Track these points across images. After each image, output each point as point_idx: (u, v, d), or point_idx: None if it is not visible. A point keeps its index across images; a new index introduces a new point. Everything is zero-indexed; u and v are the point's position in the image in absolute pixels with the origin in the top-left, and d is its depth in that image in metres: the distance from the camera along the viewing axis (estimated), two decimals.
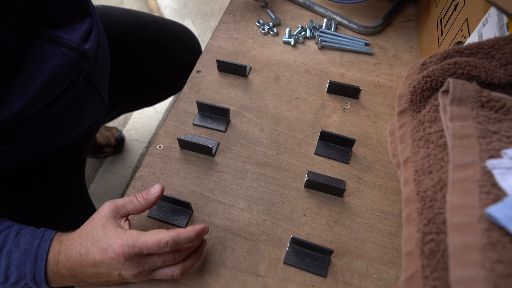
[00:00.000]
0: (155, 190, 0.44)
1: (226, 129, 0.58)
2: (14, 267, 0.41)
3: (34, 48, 0.46)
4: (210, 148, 0.53)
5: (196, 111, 0.59)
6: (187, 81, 0.63)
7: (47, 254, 0.42)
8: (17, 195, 0.60)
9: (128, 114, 1.39)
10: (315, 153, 0.56)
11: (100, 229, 0.41)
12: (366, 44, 0.69)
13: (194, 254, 0.43)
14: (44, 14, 0.47)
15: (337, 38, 0.69)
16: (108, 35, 0.72)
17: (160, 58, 0.81)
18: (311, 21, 0.71)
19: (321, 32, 0.69)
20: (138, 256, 0.40)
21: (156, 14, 1.74)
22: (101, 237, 0.41)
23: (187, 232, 0.40)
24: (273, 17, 0.72)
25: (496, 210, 0.27)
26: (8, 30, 0.42)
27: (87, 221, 0.44)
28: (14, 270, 0.41)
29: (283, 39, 0.69)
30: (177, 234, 0.39)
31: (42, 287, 0.42)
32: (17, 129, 0.50)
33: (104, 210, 0.43)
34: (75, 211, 0.67)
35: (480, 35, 0.46)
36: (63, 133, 0.59)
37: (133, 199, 0.43)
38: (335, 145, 0.56)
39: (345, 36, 0.70)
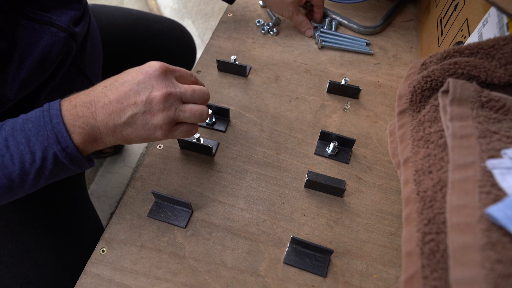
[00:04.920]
0: None
1: (226, 129, 0.58)
2: (33, 137, 0.37)
3: (24, 29, 0.46)
4: (210, 148, 0.53)
5: None
6: None
7: (60, 109, 0.38)
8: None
9: None
10: (315, 153, 0.55)
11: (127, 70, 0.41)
12: (367, 44, 0.69)
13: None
14: None
15: (338, 38, 0.69)
16: (101, 32, 0.72)
17: (152, 54, 0.82)
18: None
19: (322, 32, 0.69)
20: (172, 78, 0.41)
21: (156, 14, 1.74)
22: (130, 70, 0.41)
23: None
24: (273, 17, 0.72)
25: (496, 210, 0.27)
26: None
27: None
28: (35, 140, 0.37)
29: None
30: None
31: (70, 148, 0.38)
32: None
33: None
34: (75, 213, 0.67)
35: (480, 35, 0.46)
36: None
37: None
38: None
39: (346, 36, 0.70)
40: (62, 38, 0.50)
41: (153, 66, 0.40)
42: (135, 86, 0.39)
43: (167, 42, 0.84)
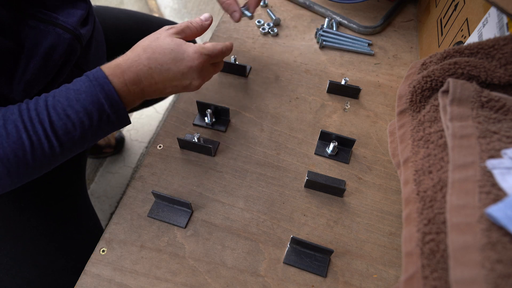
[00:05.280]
0: (205, 17, 0.50)
1: (226, 129, 0.58)
2: (89, 105, 0.41)
3: (29, 29, 0.46)
4: (210, 148, 0.53)
5: (196, 111, 0.59)
6: None
7: (111, 84, 0.42)
8: (17, 197, 0.60)
9: None
10: (315, 153, 0.55)
11: (169, 40, 0.44)
12: (369, 45, 0.69)
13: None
14: None
15: (339, 38, 0.69)
16: (105, 34, 0.72)
17: None
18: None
19: (324, 31, 0.69)
20: (208, 67, 0.47)
21: (156, 14, 1.74)
22: (174, 49, 0.44)
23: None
24: (273, 17, 0.72)
25: (496, 210, 0.27)
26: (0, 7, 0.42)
27: (143, 39, 0.47)
28: (91, 107, 0.41)
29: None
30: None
31: (121, 110, 0.43)
32: None
33: (166, 32, 0.46)
34: (75, 213, 0.67)
35: (480, 35, 0.46)
36: None
37: (190, 25, 0.48)
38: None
39: (348, 36, 0.69)
40: (67, 40, 0.50)
41: (196, 61, 0.45)
42: (179, 76, 0.45)
43: None
